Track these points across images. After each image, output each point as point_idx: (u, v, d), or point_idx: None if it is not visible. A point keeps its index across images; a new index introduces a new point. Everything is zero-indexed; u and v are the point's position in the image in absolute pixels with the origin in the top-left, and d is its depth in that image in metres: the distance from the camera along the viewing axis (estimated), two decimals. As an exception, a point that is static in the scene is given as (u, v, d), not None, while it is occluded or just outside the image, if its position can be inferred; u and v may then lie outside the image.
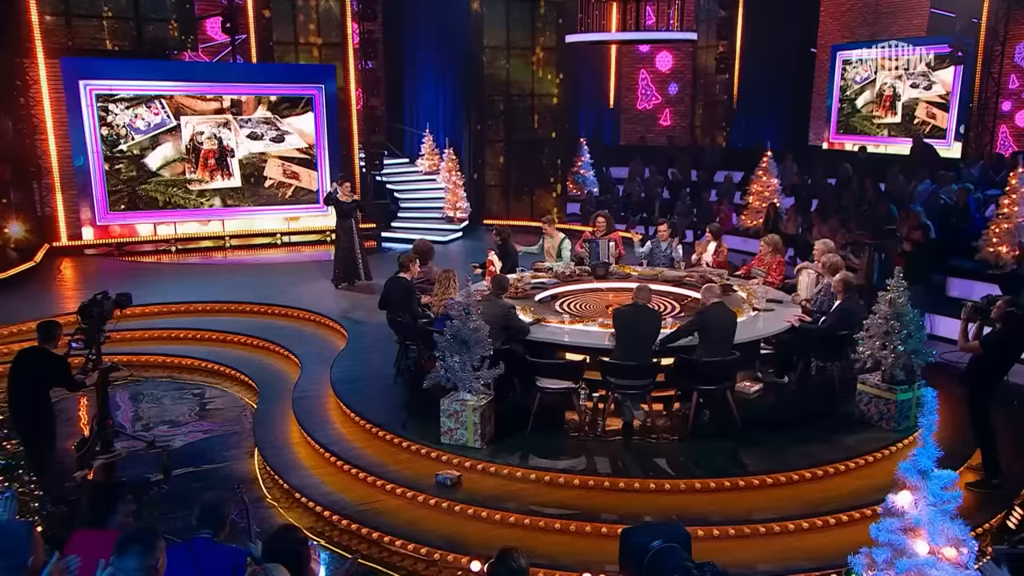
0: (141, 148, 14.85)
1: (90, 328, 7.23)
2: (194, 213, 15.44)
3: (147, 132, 14.85)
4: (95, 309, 7.26)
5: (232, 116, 15.38)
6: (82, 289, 12.18)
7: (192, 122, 15.13)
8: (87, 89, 14.20)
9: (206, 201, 15.49)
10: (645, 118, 21.63)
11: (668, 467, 6.56)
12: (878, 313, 6.87)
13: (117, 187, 14.78)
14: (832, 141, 18.38)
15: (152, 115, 14.85)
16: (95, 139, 14.44)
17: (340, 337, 10.33)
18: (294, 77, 15.87)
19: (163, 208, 15.17)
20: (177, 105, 14.97)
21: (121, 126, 14.63)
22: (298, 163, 15.97)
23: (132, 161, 14.83)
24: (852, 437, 6.93)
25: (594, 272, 9.66)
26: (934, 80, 16.49)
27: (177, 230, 15.34)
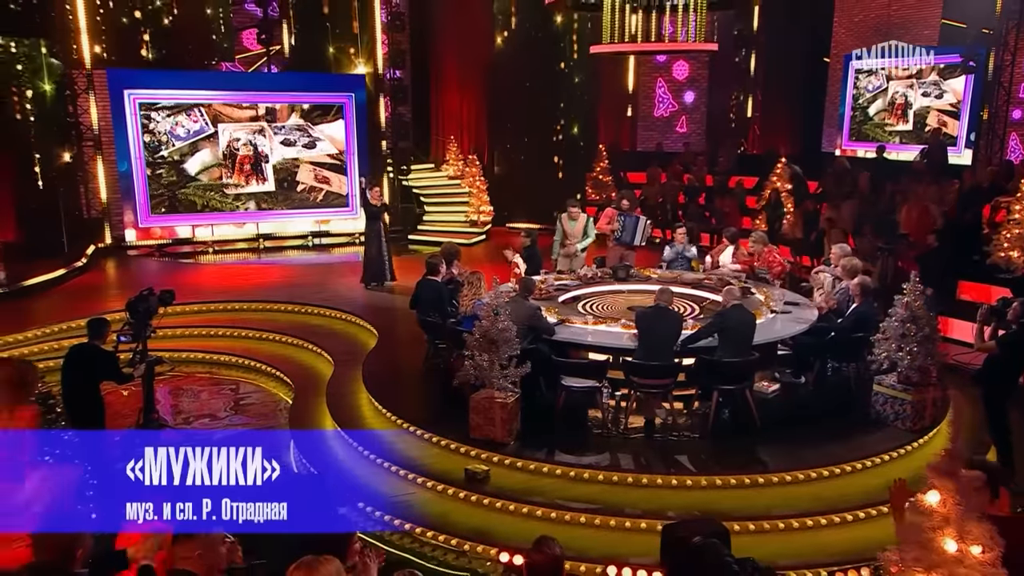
0: (181, 154, 14.98)
1: (137, 323, 7.32)
2: (230, 216, 15.56)
3: (187, 139, 14.98)
4: (142, 305, 7.34)
5: (267, 123, 15.48)
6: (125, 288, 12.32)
7: (229, 129, 15.24)
8: (131, 98, 14.34)
9: (241, 204, 15.60)
10: (662, 125, 21.51)
11: (690, 464, 6.53)
12: (894, 316, 6.80)
13: (158, 191, 14.93)
14: (844, 148, 18.17)
15: (191, 122, 14.97)
16: (138, 145, 14.58)
17: (370, 335, 10.36)
18: (326, 86, 15.96)
19: (201, 211, 15.30)
20: (215, 113, 15.08)
21: (162, 133, 14.76)
22: (329, 168, 16.05)
23: (172, 166, 14.96)
24: (868, 437, 6.86)
25: (615, 275, 9.63)
26: (945, 89, 16.29)
27: (214, 232, 15.46)
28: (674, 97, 21.45)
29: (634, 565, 5.53)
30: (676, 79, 21.29)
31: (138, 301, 7.36)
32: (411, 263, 13.63)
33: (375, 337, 10.14)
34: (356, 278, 12.69)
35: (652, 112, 21.54)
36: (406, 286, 12.18)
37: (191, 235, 15.32)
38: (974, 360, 8.87)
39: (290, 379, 9.22)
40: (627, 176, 19.28)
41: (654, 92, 21.48)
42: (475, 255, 15.42)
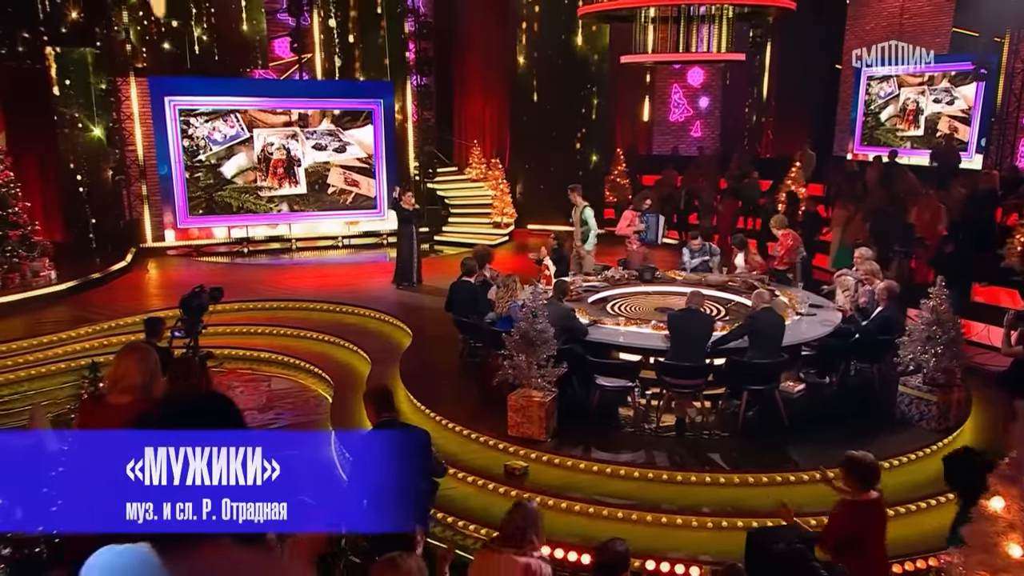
0: (218, 158, 15.06)
1: (189, 319, 7.40)
2: (264, 217, 15.64)
3: (223, 143, 15.05)
4: (194, 301, 7.43)
5: (299, 128, 15.54)
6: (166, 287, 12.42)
7: (263, 134, 15.30)
8: (171, 104, 14.43)
9: (275, 206, 15.67)
10: (677, 130, 21.46)
11: (722, 461, 6.52)
12: (919, 319, 6.77)
13: (196, 193, 15.01)
14: (856, 152, 18.08)
15: (228, 128, 15.05)
16: (177, 150, 14.67)
17: (402, 334, 10.39)
18: (356, 93, 16.01)
19: (236, 213, 15.38)
20: (250, 118, 15.16)
21: (200, 138, 14.85)
22: (358, 172, 16.09)
23: (209, 170, 15.05)
24: (894, 437, 6.83)
25: (641, 276, 9.63)
26: (956, 95, 16.17)
27: (249, 233, 15.54)
28: (689, 103, 21.40)
29: (672, 559, 5.54)
30: (691, 85, 21.23)
31: (191, 298, 7.45)
32: (437, 264, 13.70)
33: (408, 336, 10.17)
34: (385, 278, 12.74)
35: (668, 117, 21.50)
36: (434, 287, 12.28)
37: (227, 236, 15.41)
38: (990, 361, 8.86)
39: (329, 376, 9.25)
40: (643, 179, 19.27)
41: (670, 97, 21.43)
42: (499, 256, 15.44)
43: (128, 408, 3.46)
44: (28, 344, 9.63)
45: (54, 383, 9.53)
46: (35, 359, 9.62)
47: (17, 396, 9.20)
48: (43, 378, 9.52)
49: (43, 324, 10.25)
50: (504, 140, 18.72)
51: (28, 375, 9.42)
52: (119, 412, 3.44)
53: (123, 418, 3.28)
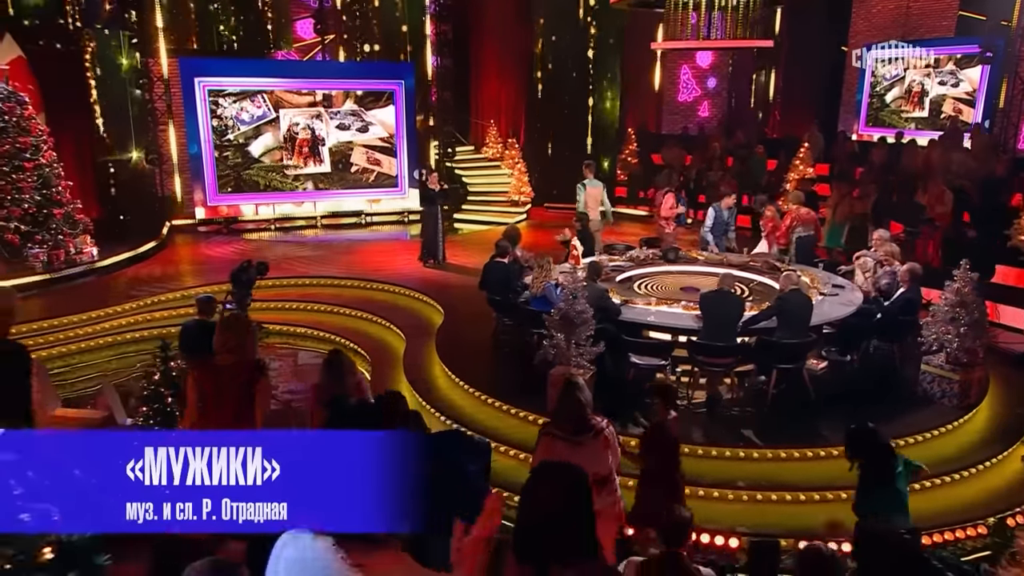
0: (245, 137, 14.96)
1: (239, 292, 7.42)
2: (290, 195, 15.57)
3: (251, 123, 14.94)
4: (244, 275, 7.44)
5: (323, 109, 15.41)
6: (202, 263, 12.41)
7: (289, 114, 15.19)
8: (201, 85, 14.30)
9: (300, 185, 15.60)
10: (685, 109, 21.25)
11: (755, 437, 6.54)
12: (944, 300, 6.76)
13: (225, 172, 14.94)
14: (861, 133, 17.93)
15: (255, 108, 14.92)
16: (207, 129, 14.57)
17: (432, 310, 10.37)
18: (378, 74, 15.85)
19: (263, 191, 15.32)
20: (277, 99, 15.02)
21: (229, 118, 14.74)
22: (380, 151, 15.99)
23: (238, 149, 14.95)
24: (918, 413, 6.85)
25: (665, 256, 9.59)
26: (961, 78, 16.00)
27: (275, 210, 15.48)
28: (698, 83, 21.17)
29: (711, 531, 5.58)
30: (700, 66, 20.99)
31: (240, 272, 7.47)
32: (456, 242, 13.64)
33: (438, 312, 10.16)
34: (410, 256, 12.71)
35: (676, 97, 21.29)
36: (459, 265, 12.27)
37: (254, 213, 15.36)
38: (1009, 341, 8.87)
39: (365, 352, 9.26)
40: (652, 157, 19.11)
41: (679, 78, 21.20)
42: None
43: (234, 366, 4.20)
44: (78, 319, 9.63)
45: (103, 356, 9.58)
46: (84, 333, 9.64)
47: (68, 368, 9.24)
48: (92, 351, 9.56)
49: (90, 300, 10.24)
50: (519, 120, 18.57)
51: (79, 348, 9.44)
52: (227, 370, 4.20)
53: (231, 373, 4.18)
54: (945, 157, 13.97)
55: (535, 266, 8.19)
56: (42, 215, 10.69)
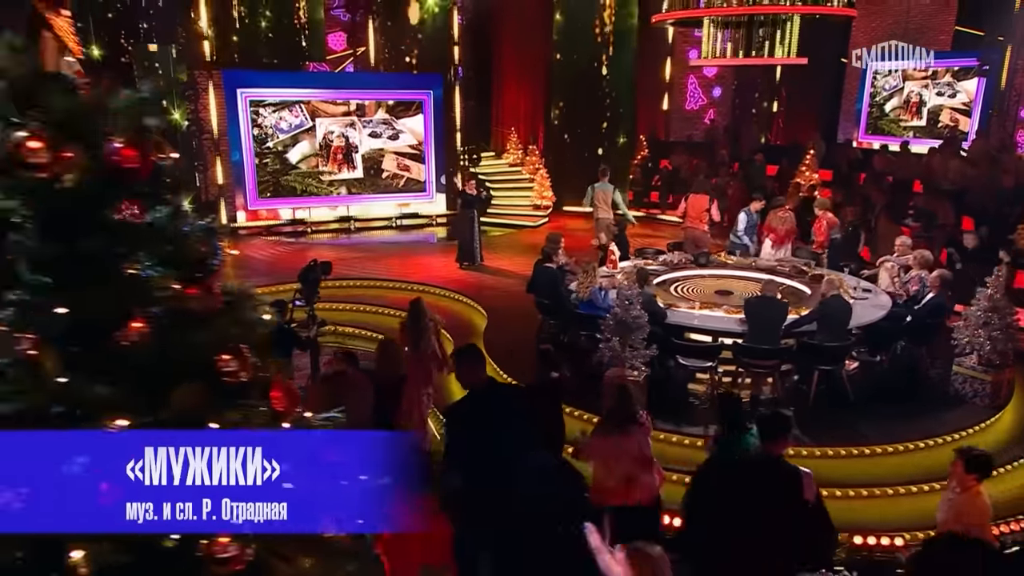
0: (284, 145, 14.92)
1: (307, 290, 7.47)
2: (325, 200, 15.54)
3: (288, 132, 14.90)
4: (311, 275, 7.49)
5: (357, 118, 15.38)
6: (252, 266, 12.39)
7: (325, 123, 15.15)
8: (242, 96, 14.25)
9: (334, 190, 15.57)
10: (692, 117, 21.26)
11: (801, 435, 6.56)
12: (976, 305, 6.79)
13: (264, 178, 14.91)
14: (861, 141, 17.96)
15: (293, 117, 14.89)
16: (248, 138, 14.53)
17: (474, 312, 10.37)
18: (408, 85, 15.80)
19: (300, 196, 15.29)
20: (313, 109, 14.98)
21: (268, 127, 14.70)
22: (410, 158, 15.97)
23: (276, 156, 14.92)
24: (951, 412, 6.88)
25: (696, 261, 9.61)
26: (958, 89, 16.03)
27: (311, 214, 15.46)
28: (704, 92, 21.18)
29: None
30: (706, 76, 21.00)
31: (307, 271, 7.51)
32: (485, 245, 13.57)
33: (480, 314, 10.16)
34: (446, 258, 12.71)
35: (684, 105, 21.29)
36: (494, 267, 12.28)
37: (292, 217, 15.33)
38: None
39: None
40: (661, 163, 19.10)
41: (686, 87, 21.20)
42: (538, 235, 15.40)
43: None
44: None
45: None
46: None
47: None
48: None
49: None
50: (538, 127, 18.53)
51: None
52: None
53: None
54: (944, 165, 14.04)
55: (579, 271, 8.19)
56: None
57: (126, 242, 1.60)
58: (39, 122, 1.54)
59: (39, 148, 1.52)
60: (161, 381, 1.67)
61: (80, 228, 1.59)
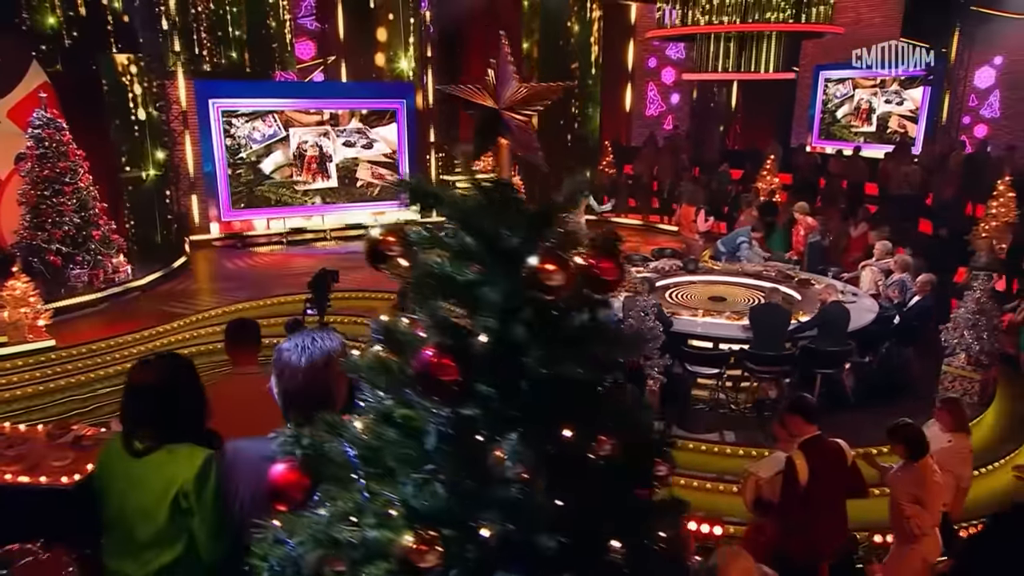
0: (257, 155, 14.53)
1: (319, 298, 7.33)
2: (299, 210, 15.19)
3: (262, 142, 14.52)
4: (320, 283, 7.36)
5: (331, 127, 15.09)
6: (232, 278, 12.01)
7: (298, 132, 14.81)
8: (215, 107, 13.81)
9: (309, 199, 15.24)
10: (652, 123, 21.58)
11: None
12: (964, 307, 7.08)
13: (238, 188, 14.48)
14: (814, 145, 18.55)
15: (266, 127, 14.50)
16: (221, 148, 14.09)
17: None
18: (381, 94, 15.58)
19: (274, 206, 14.91)
20: (287, 118, 14.63)
21: (241, 137, 14.28)
22: (384, 166, 15.75)
23: (250, 166, 14.51)
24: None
25: (685, 267, 9.76)
26: (905, 97, 16.70)
27: (286, 224, 15.09)
28: (662, 98, 21.53)
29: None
30: (664, 83, 21.36)
31: (317, 280, 7.39)
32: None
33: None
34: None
35: (644, 111, 21.61)
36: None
37: (266, 227, 14.93)
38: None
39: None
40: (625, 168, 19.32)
41: (646, 94, 21.53)
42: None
43: None
44: (133, 339, 9.21)
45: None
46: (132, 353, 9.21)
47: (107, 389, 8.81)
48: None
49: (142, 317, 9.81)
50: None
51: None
52: None
53: None
54: (897, 170, 14.60)
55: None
56: (81, 236, 10.18)
57: (592, 356, 1.54)
58: (548, 243, 1.48)
59: (554, 271, 1.44)
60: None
61: (562, 345, 1.51)
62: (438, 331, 1.46)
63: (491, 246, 1.50)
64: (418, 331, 1.50)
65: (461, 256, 1.55)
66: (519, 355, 1.47)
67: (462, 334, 1.46)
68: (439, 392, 1.41)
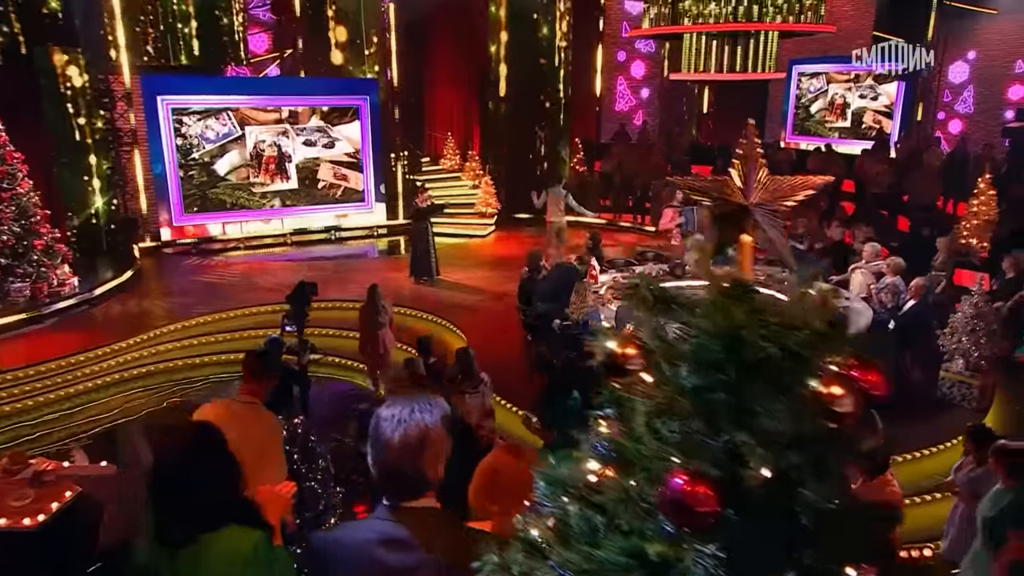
0: (211, 156, 14.12)
1: (297, 312, 7.14)
2: (257, 213, 14.82)
3: (216, 141, 14.11)
4: (300, 295, 7.17)
5: (290, 125, 14.74)
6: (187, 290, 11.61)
7: (255, 131, 14.43)
8: (164, 104, 13.36)
9: (267, 202, 14.88)
10: (621, 118, 21.65)
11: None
12: (961, 313, 7.22)
13: (190, 191, 14.05)
14: (788, 141, 18.85)
15: (220, 126, 14.09)
16: (171, 149, 13.65)
17: (443, 330, 10.11)
18: (343, 90, 15.28)
19: (230, 209, 14.51)
20: (242, 116, 14.24)
21: (194, 136, 13.86)
22: (347, 166, 15.46)
23: (203, 168, 14.09)
24: (942, 416, 7.26)
25: (672, 272, 9.76)
26: (880, 92, 17.08)
27: (243, 229, 14.70)
28: (632, 93, 21.63)
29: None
30: (634, 77, 21.46)
31: (295, 293, 7.19)
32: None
33: (451, 332, 9.94)
34: (395, 273, 12.39)
35: (614, 107, 21.66)
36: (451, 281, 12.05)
37: (222, 232, 14.52)
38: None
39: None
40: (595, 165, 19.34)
41: (615, 88, 21.59)
42: (487, 245, 15.30)
43: None
44: (85, 358, 8.81)
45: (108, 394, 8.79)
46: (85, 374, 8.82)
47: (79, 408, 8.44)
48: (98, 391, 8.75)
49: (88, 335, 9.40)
50: (473, 130, 18.35)
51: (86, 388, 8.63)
52: None
53: None
54: (873, 168, 14.93)
55: (574, 291, 8.15)
56: (22, 247, 9.72)
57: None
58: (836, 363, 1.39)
59: (843, 396, 1.38)
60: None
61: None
62: (698, 457, 1.32)
63: (755, 364, 1.36)
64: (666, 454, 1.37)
65: (715, 372, 1.40)
66: (792, 486, 1.35)
67: (725, 462, 1.34)
68: (691, 523, 1.29)
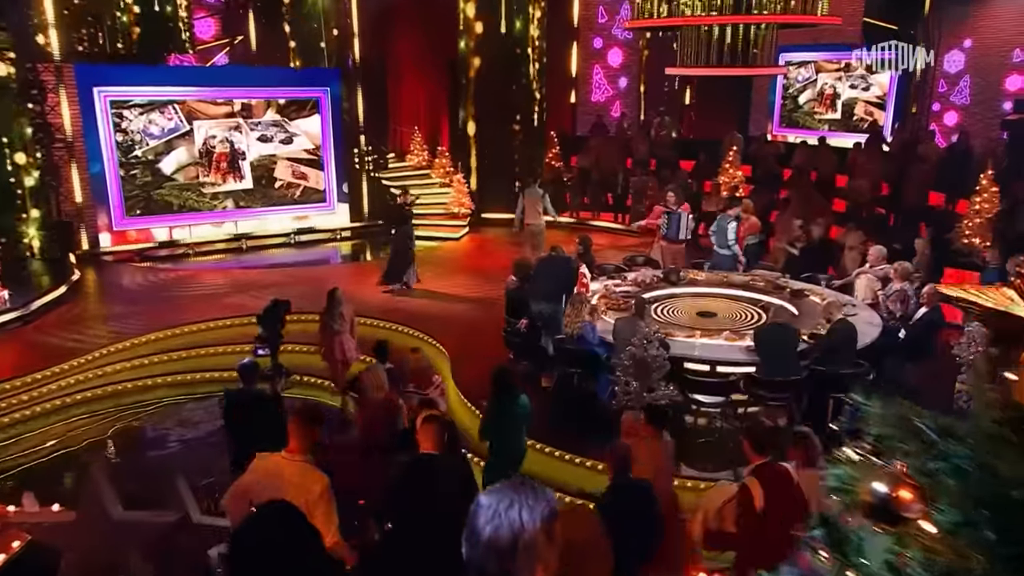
0: (156, 153, 13.72)
1: (270, 334, 6.93)
2: (208, 216, 14.45)
3: (161, 137, 13.70)
4: (270, 317, 6.96)
5: (243, 119, 14.38)
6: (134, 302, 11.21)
7: (204, 126, 14.06)
8: (101, 96, 12.93)
9: (219, 204, 14.51)
10: (598, 109, 21.62)
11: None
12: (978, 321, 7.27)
13: (133, 192, 13.63)
14: (775, 133, 19.01)
15: (166, 120, 13.69)
16: (110, 145, 13.21)
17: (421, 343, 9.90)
18: (302, 81, 14.98)
19: (178, 212, 14.11)
20: (189, 110, 13.85)
21: (136, 132, 13.44)
22: (306, 164, 15.16)
23: (147, 166, 13.68)
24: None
25: (667, 279, 9.71)
26: (872, 82, 17.30)
27: (192, 233, 14.30)
28: (609, 83, 21.62)
29: None
30: (611, 66, 21.45)
31: (268, 313, 6.98)
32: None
33: (427, 345, 9.73)
34: (362, 280, 12.13)
35: (590, 97, 21.62)
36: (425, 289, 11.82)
37: (168, 237, 14.10)
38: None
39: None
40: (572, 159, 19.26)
41: (591, 78, 21.55)
42: (461, 248, 15.11)
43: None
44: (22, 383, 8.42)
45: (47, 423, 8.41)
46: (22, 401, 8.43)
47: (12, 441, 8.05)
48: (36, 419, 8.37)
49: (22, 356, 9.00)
50: (441, 125, 18.15)
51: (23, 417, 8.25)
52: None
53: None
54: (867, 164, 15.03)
55: (570, 304, 8.03)
56: (-55, 259, 9.28)
57: None
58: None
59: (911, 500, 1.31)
60: None
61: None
62: None
63: None
64: None
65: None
66: None
67: None
68: None
